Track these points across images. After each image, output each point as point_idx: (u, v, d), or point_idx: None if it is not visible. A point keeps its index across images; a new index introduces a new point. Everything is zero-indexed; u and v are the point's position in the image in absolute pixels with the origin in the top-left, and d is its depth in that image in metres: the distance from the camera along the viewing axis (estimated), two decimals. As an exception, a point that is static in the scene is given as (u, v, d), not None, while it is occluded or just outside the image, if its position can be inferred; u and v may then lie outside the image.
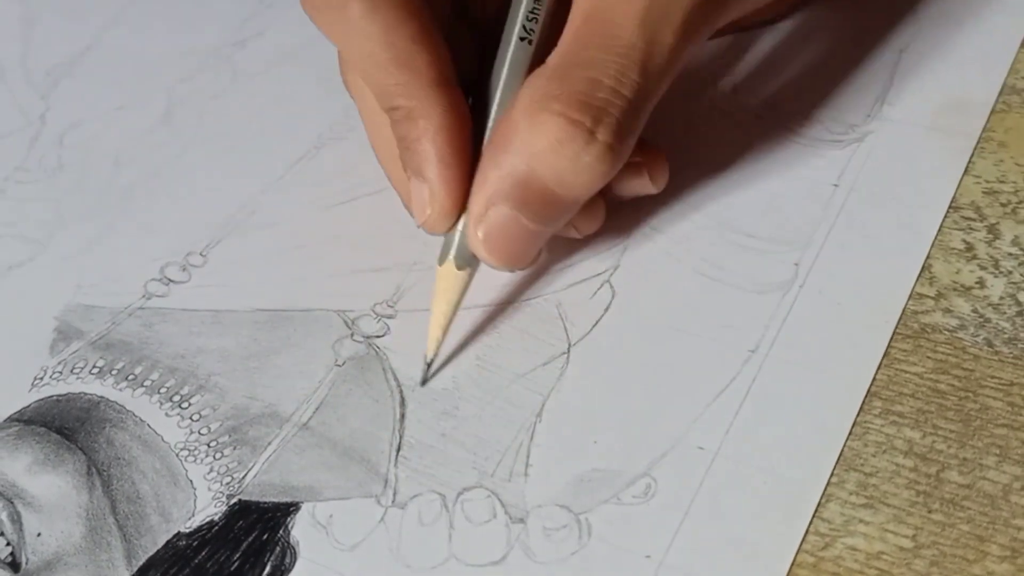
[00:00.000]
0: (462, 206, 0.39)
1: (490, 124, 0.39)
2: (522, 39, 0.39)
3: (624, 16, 0.37)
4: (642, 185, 0.42)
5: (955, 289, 0.40)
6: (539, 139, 0.37)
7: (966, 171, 0.43)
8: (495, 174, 0.38)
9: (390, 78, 0.39)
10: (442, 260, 0.39)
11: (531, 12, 0.39)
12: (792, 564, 0.34)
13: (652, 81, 0.38)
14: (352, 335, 0.41)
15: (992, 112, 0.44)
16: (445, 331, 0.40)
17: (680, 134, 0.46)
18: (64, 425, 0.40)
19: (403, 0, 0.38)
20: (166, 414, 0.40)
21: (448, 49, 0.39)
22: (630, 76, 0.37)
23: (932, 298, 0.40)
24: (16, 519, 0.38)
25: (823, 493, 0.36)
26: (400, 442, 0.38)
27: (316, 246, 0.44)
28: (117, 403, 0.40)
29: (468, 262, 0.39)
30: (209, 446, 0.39)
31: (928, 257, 0.41)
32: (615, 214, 0.43)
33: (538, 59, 0.39)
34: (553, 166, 0.37)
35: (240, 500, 0.38)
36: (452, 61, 0.39)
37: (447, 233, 0.39)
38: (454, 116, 0.39)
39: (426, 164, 0.39)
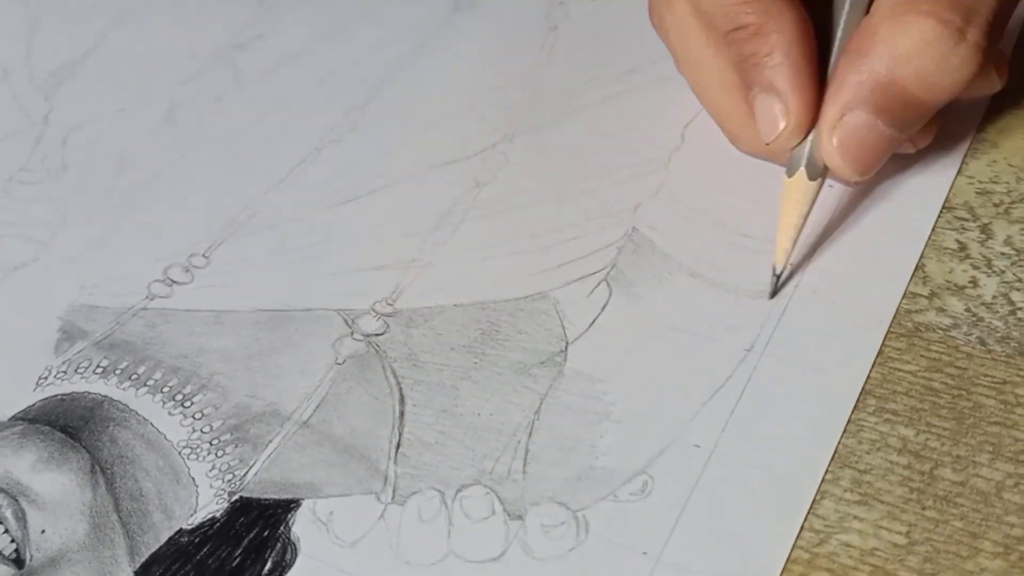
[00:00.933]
0: (815, 119, 0.39)
1: (839, 34, 0.39)
2: None
3: None
4: (989, 84, 0.41)
5: (948, 288, 0.40)
6: (904, 40, 0.36)
7: (959, 172, 0.43)
8: (854, 78, 0.37)
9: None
10: (791, 172, 0.40)
11: None
12: (787, 560, 0.34)
13: None
14: (352, 334, 0.41)
15: (985, 114, 0.45)
16: (795, 242, 0.40)
17: (676, 136, 0.46)
18: (68, 424, 0.40)
19: None
20: (169, 413, 0.40)
21: None
22: None
23: (926, 297, 0.40)
24: (21, 516, 0.38)
25: (818, 490, 0.36)
26: (400, 439, 0.38)
27: (317, 246, 0.44)
28: (121, 402, 0.40)
29: (820, 172, 0.39)
30: (211, 444, 0.39)
31: (922, 257, 0.41)
32: (612, 213, 0.43)
33: None
34: (918, 68, 0.37)
35: (241, 497, 0.38)
36: None
37: (796, 148, 0.39)
38: (805, 30, 0.39)
39: (780, 77, 0.38)
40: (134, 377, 0.41)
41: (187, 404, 0.40)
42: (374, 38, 0.52)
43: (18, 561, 0.37)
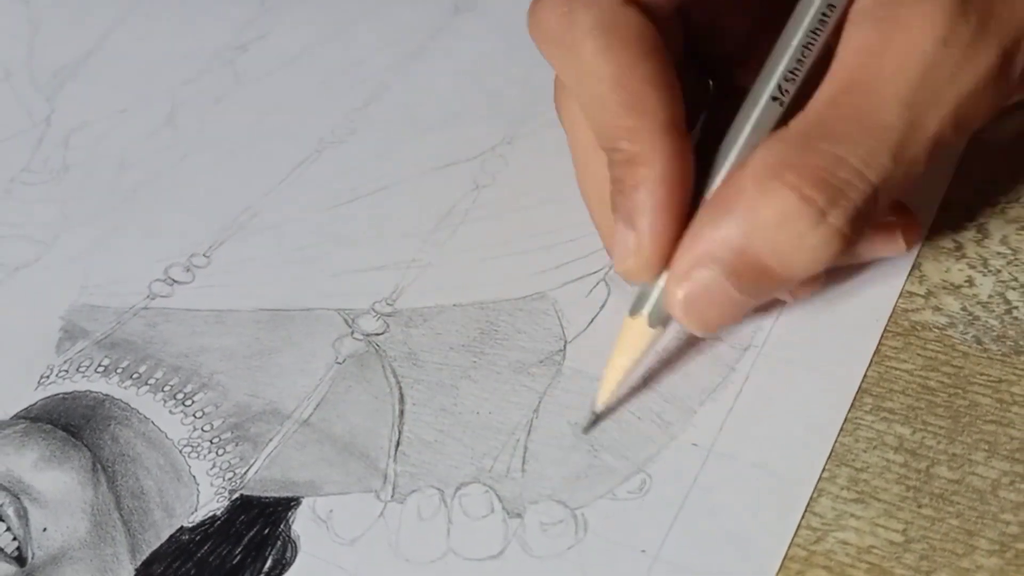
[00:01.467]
0: (667, 262, 0.36)
1: (717, 181, 0.36)
2: (774, 99, 0.36)
3: (889, 92, 0.34)
4: (894, 247, 0.39)
5: (945, 287, 0.40)
6: (764, 209, 0.34)
7: (956, 172, 0.43)
8: (710, 234, 0.35)
9: (617, 120, 0.36)
10: (634, 312, 0.37)
11: (790, 72, 0.36)
12: (784, 558, 0.34)
13: (903, 169, 0.34)
14: (352, 333, 0.41)
15: (981, 114, 0.45)
16: (620, 384, 0.38)
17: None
18: (70, 422, 0.40)
19: (638, 40, 0.36)
20: (170, 411, 0.40)
21: (681, 91, 0.36)
22: (880, 160, 0.34)
23: (922, 296, 0.40)
24: (23, 514, 0.38)
25: (815, 488, 0.36)
26: (399, 438, 0.38)
27: (317, 247, 0.44)
28: (122, 401, 0.40)
29: (662, 321, 0.37)
30: (212, 442, 0.39)
31: (918, 256, 0.41)
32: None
33: (783, 121, 0.36)
34: (773, 241, 0.34)
35: (242, 495, 0.38)
36: (684, 104, 0.36)
37: (644, 285, 0.37)
38: (677, 167, 0.36)
39: (638, 213, 0.36)
40: (135, 376, 0.41)
41: (188, 403, 0.40)
42: (374, 40, 0.52)
43: (20, 559, 0.37)
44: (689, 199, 0.36)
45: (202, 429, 0.39)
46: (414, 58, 0.51)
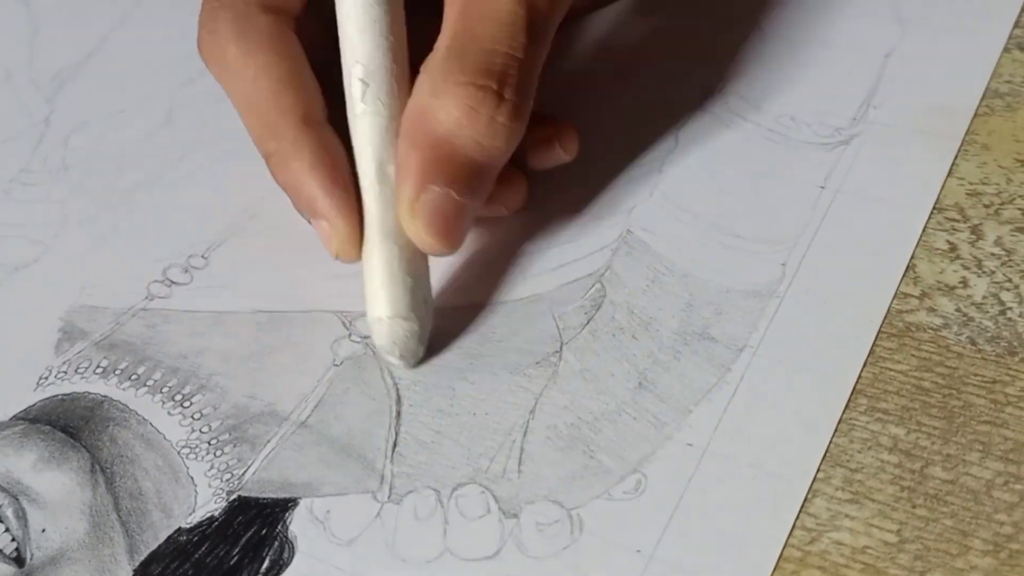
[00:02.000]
0: (360, 227, 0.40)
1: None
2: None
3: None
4: (556, 155, 0.43)
5: (939, 289, 0.40)
6: (452, 111, 0.38)
7: (950, 173, 0.43)
8: (417, 157, 0.38)
9: (261, 119, 0.41)
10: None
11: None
12: (779, 558, 0.34)
13: (538, 41, 0.40)
14: (350, 335, 0.41)
15: (975, 115, 0.44)
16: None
17: (669, 137, 0.45)
18: (69, 424, 0.40)
19: (275, 42, 0.41)
20: (168, 413, 0.40)
21: (319, 86, 0.41)
22: (519, 40, 0.39)
23: (916, 297, 0.40)
24: (21, 515, 0.38)
25: (810, 489, 0.36)
26: (396, 439, 0.38)
27: (315, 249, 0.44)
28: (120, 402, 0.40)
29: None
30: (210, 444, 0.39)
31: (912, 257, 0.41)
32: (606, 216, 0.43)
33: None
34: (471, 133, 0.38)
35: (240, 496, 0.38)
36: (325, 97, 0.41)
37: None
38: (324, 152, 0.40)
39: (313, 202, 0.40)
40: (134, 377, 0.41)
41: (186, 404, 0.40)
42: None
43: (19, 560, 0.37)
44: (350, 176, 0.40)
45: (200, 430, 0.39)
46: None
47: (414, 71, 0.40)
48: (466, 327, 0.41)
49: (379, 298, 0.39)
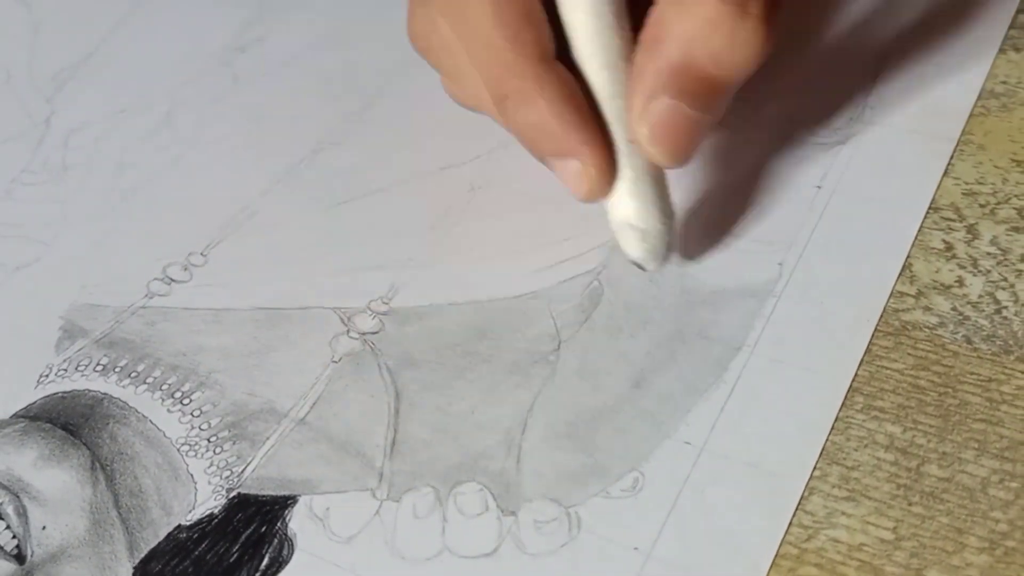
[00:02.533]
0: (614, 163, 0.38)
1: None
2: None
3: None
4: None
5: (935, 288, 0.40)
6: (691, 23, 0.36)
7: (946, 173, 0.43)
8: (651, 67, 0.37)
9: (499, 57, 0.38)
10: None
11: None
12: (776, 556, 0.34)
13: None
14: (348, 332, 0.41)
15: (971, 116, 0.44)
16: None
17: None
18: (69, 421, 0.40)
19: None
20: (168, 410, 0.40)
21: (547, 21, 0.39)
22: None
23: (913, 296, 0.40)
24: (22, 512, 0.38)
25: (806, 486, 0.36)
26: (395, 437, 0.38)
27: (313, 246, 0.44)
28: (120, 400, 0.40)
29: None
30: (209, 441, 0.39)
31: (909, 256, 0.41)
32: (604, 213, 0.43)
33: None
34: (709, 47, 0.37)
35: (239, 493, 0.38)
36: (552, 32, 0.39)
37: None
38: (568, 87, 0.38)
39: (563, 139, 0.38)
40: (133, 375, 0.41)
41: (185, 401, 0.40)
42: (373, 43, 0.52)
43: (19, 557, 0.37)
44: (591, 109, 0.38)
45: (200, 428, 0.39)
46: (412, 62, 0.51)
47: None
48: (464, 324, 0.41)
49: (627, 206, 0.39)
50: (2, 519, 0.38)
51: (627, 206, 0.39)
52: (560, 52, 0.39)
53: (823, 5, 0.49)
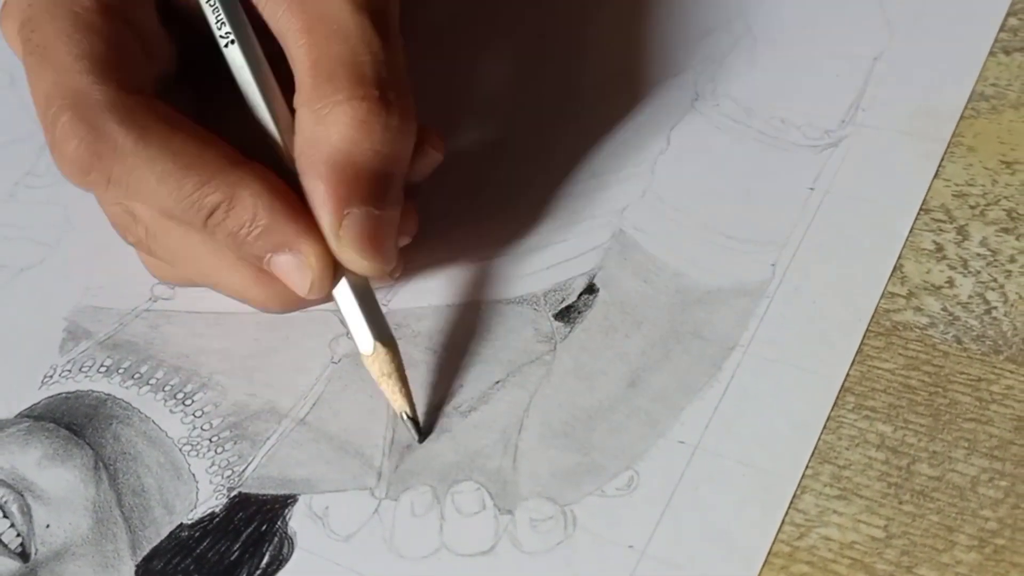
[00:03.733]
0: (332, 256, 0.37)
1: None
2: (227, 44, 0.39)
3: (337, 8, 0.38)
4: (431, 158, 0.41)
5: (926, 288, 0.40)
6: (344, 130, 0.36)
7: (936, 175, 0.43)
8: (322, 187, 0.36)
9: (190, 183, 0.36)
10: (366, 349, 0.38)
11: (218, 19, 0.39)
12: (768, 553, 0.34)
13: (391, 37, 0.38)
14: (347, 333, 0.41)
15: (961, 118, 0.44)
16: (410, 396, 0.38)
17: (661, 138, 0.45)
18: (73, 421, 0.40)
19: (162, 113, 0.37)
20: (170, 411, 0.40)
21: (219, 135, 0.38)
22: (375, 43, 0.37)
23: (904, 297, 0.40)
24: (26, 511, 0.38)
25: (798, 485, 0.35)
26: (393, 436, 0.38)
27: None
28: (123, 400, 0.40)
29: (389, 336, 0.38)
30: (211, 441, 0.39)
31: (900, 257, 0.41)
32: (599, 216, 0.43)
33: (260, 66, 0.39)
34: (369, 144, 0.37)
35: (240, 492, 0.38)
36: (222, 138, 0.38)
37: (348, 330, 0.38)
38: (268, 176, 0.37)
39: (277, 235, 0.37)
40: (136, 376, 0.41)
41: (188, 402, 0.40)
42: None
43: (23, 554, 0.37)
44: (297, 202, 0.37)
45: (201, 428, 0.39)
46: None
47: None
48: (461, 326, 0.41)
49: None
50: (6, 517, 0.37)
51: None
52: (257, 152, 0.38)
53: (814, 9, 0.49)
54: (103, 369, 0.41)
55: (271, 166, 0.38)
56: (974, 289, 0.39)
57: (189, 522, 0.37)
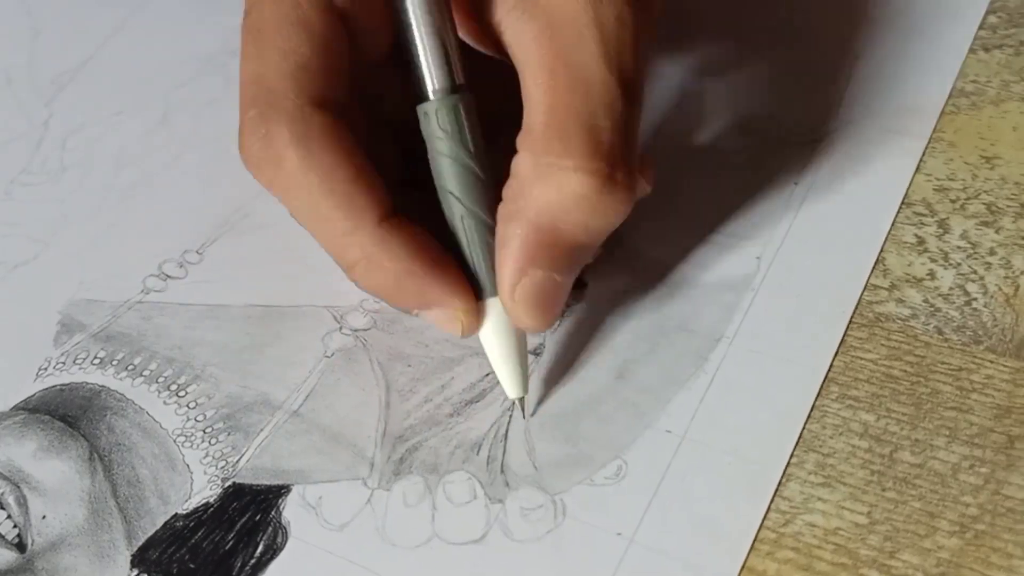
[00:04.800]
0: (478, 303, 0.37)
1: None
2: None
3: (588, 57, 0.35)
4: (640, 188, 0.39)
5: (907, 280, 0.40)
6: (558, 197, 0.35)
7: (918, 169, 0.43)
8: (518, 242, 0.35)
9: (336, 227, 0.36)
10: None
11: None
12: (754, 540, 0.34)
13: (635, 106, 0.36)
14: (340, 328, 0.41)
15: (942, 114, 0.45)
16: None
17: (647, 136, 0.45)
18: (67, 413, 0.40)
19: (336, 141, 0.36)
20: (164, 402, 0.40)
21: (380, 177, 0.36)
22: (617, 108, 0.35)
23: (886, 289, 0.40)
24: (22, 502, 0.38)
25: (784, 473, 0.36)
26: (385, 428, 0.38)
27: (307, 246, 0.44)
28: (118, 392, 0.40)
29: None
30: (205, 432, 0.39)
31: (882, 250, 0.41)
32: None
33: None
34: (580, 219, 0.35)
35: (234, 483, 0.38)
36: (387, 188, 0.36)
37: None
38: (416, 241, 0.36)
39: (424, 293, 0.36)
40: (130, 368, 0.41)
41: (181, 394, 0.40)
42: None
43: (20, 545, 0.37)
44: (443, 253, 0.36)
45: (195, 419, 0.39)
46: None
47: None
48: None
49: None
50: (3, 508, 0.37)
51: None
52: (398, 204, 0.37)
53: (798, 8, 0.49)
54: (97, 361, 0.41)
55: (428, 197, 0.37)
56: (955, 281, 0.40)
57: (184, 512, 0.37)
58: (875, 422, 0.36)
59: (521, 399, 0.38)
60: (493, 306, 0.37)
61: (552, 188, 0.35)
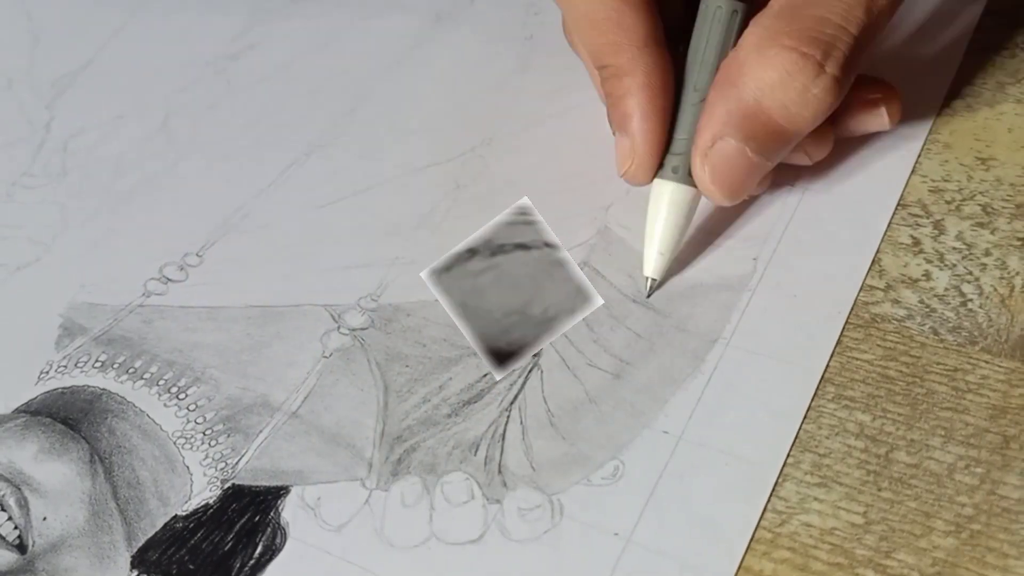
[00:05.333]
0: (660, 159, 0.39)
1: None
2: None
3: None
4: (878, 121, 0.42)
5: (903, 281, 0.40)
6: (769, 72, 0.37)
7: (913, 171, 0.43)
8: (722, 108, 0.38)
9: (601, 37, 0.39)
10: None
11: None
12: (751, 540, 0.34)
13: (875, 19, 0.38)
14: (339, 328, 0.41)
15: (937, 116, 0.45)
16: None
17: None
18: (68, 416, 0.40)
19: None
20: (164, 405, 0.40)
21: (656, 9, 0.39)
22: (856, 14, 0.37)
23: (882, 290, 0.40)
24: (23, 504, 0.38)
25: (780, 473, 0.36)
26: (384, 428, 0.38)
27: (305, 245, 0.44)
28: (118, 395, 0.40)
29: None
30: (205, 434, 0.39)
31: (878, 252, 0.41)
32: (584, 213, 0.43)
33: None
34: (781, 98, 0.37)
35: (233, 484, 0.38)
36: (660, 19, 0.39)
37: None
38: (657, 75, 0.39)
39: (628, 119, 0.39)
40: (131, 371, 0.41)
41: (181, 396, 0.40)
42: (360, 49, 0.52)
43: (21, 547, 0.37)
44: (672, 104, 0.40)
45: (195, 421, 0.39)
46: (398, 65, 0.51)
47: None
48: (449, 320, 0.41)
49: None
50: (4, 510, 0.37)
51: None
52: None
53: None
54: (98, 364, 0.41)
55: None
56: (950, 282, 0.40)
57: (183, 514, 0.37)
58: (871, 422, 0.36)
59: (653, 281, 0.40)
60: (671, 189, 0.40)
61: (765, 62, 0.37)
